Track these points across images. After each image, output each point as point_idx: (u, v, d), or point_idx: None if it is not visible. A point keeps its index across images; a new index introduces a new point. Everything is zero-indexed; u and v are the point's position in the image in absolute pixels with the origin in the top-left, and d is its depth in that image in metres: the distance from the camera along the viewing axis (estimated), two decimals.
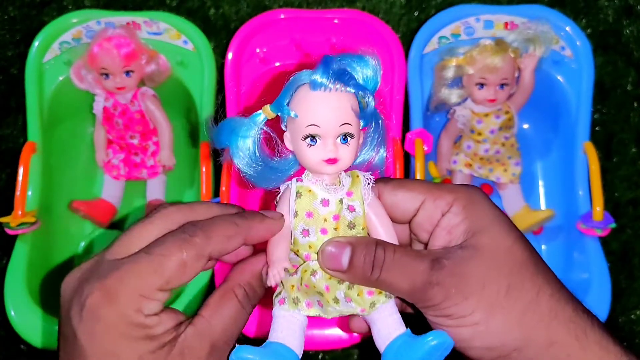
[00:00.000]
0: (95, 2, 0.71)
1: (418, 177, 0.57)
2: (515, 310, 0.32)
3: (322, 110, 0.35)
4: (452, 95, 0.62)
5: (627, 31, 0.70)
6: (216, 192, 0.61)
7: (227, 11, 0.70)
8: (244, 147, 0.36)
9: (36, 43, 0.62)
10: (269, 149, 0.36)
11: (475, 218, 0.33)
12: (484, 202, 0.34)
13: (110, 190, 0.64)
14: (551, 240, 0.64)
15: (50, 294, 0.60)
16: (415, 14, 0.70)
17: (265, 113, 0.36)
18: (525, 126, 0.67)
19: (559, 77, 0.63)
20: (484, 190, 0.67)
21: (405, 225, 0.36)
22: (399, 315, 0.36)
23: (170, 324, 0.31)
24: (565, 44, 0.62)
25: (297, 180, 0.36)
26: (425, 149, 0.59)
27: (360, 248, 0.33)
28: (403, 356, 0.34)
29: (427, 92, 0.63)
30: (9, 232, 0.57)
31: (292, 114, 0.35)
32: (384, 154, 0.38)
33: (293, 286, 0.35)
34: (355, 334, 0.35)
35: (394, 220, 0.36)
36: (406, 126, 0.62)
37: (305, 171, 0.36)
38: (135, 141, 0.64)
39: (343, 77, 0.35)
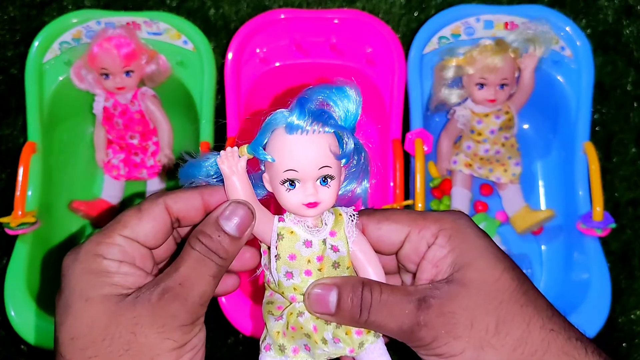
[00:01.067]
0: (95, 2, 0.71)
1: (418, 177, 0.57)
2: (505, 347, 0.31)
3: (299, 154, 0.34)
4: (452, 96, 0.62)
5: (627, 31, 0.70)
6: None
7: (227, 11, 0.70)
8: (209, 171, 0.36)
9: (36, 43, 0.62)
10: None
11: (461, 250, 0.33)
12: (470, 231, 0.34)
13: (110, 190, 0.64)
14: (551, 241, 0.64)
15: (50, 294, 0.60)
16: (415, 14, 0.70)
17: (241, 153, 0.35)
18: (525, 126, 0.67)
19: (559, 77, 0.63)
20: (484, 191, 0.67)
21: (393, 256, 0.36)
22: (388, 357, 0.35)
23: (133, 274, 0.32)
24: (565, 44, 0.62)
25: (279, 220, 0.35)
26: (425, 149, 0.59)
27: (347, 290, 0.33)
28: None
29: (427, 92, 0.63)
30: (9, 232, 0.57)
31: (269, 158, 0.34)
32: (367, 185, 0.37)
33: (278, 332, 0.35)
34: None
35: (380, 252, 0.35)
36: (406, 126, 0.62)
37: (286, 212, 0.35)
38: (135, 141, 0.64)
39: (320, 118, 0.34)
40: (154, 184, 0.65)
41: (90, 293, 0.31)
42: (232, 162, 0.35)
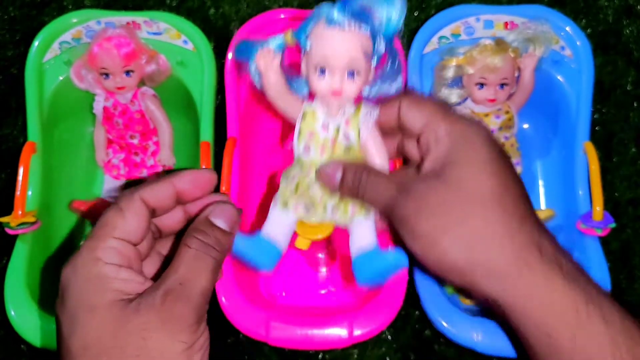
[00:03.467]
0: (95, 2, 0.71)
1: None
2: (463, 236, 0.36)
3: (333, 46, 0.39)
4: (452, 95, 0.62)
5: (627, 31, 0.70)
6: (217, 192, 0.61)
7: (227, 11, 0.70)
8: (267, 54, 0.41)
9: (36, 43, 0.62)
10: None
11: (458, 151, 0.37)
12: (478, 138, 0.38)
13: (111, 190, 0.64)
14: None
15: (50, 294, 0.60)
16: (415, 13, 0.70)
17: (286, 37, 0.41)
18: (525, 126, 0.67)
19: (558, 77, 0.63)
20: None
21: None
22: (374, 234, 0.42)
23: (132, 280, 0.33)
24: (565, 44, 0.62)
25: (308, 101, 0.42)
26: None
27: (350, 172, 0.40)
28: (367, 266, 0.41)
29: (427, 92, 0.63)
30: (9, 232, 0.57)
31: (308, 45, 0.40)
32: (400, 85, 0.42)
33: (287, 190, 0.42)
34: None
35: (408, 133, 0.41)
36: None
37: (316, 96, 0.41)
38: (136, 141, 0.64)
39: (359, 17, 0.38)
40: None
41: (94, 301, 0.31)
42: (267, 59, 0.41)
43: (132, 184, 0.65)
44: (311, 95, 0.41)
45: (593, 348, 0.35)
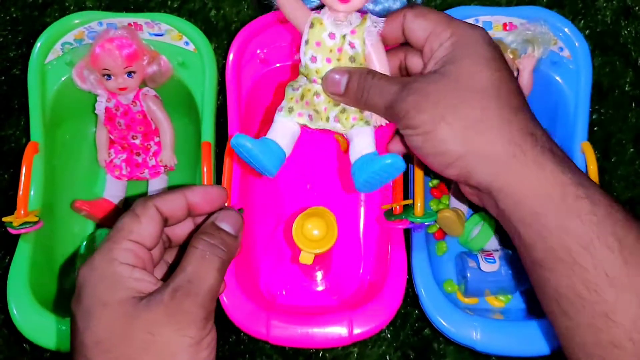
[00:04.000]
0: (97, 3, 0.71)
1: (417, 176, 0.57)
2: (459, 124, 0.38)
3: None
4: None
5: (625, 32, 0.70)
6: None
7: (228, 12, 0.71)
8: None
9: (38, 44, 0.63)
10: None
11: (458, 51, 0.39)
12: (477, 39, 0.40)
13: (113, 189, 0.65)
14: None
15: (52, 293, 0.60)
16: None
17: None
18: None
19: (557, 78, 0.63)
20: None
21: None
22: (373, 140, 0.43)
23: (144, 280, 0.34)
24: (563, 45, 0.63)
25: (316, 12, 0.43)
26: None
27: (355, 76, 0.41)
28: (365, 167, 0.42)
29: None
30: (12, 231, 0.58)
31: None
32: (404, 1, 0.47)
33: (292, 98, 0.44)
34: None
35: (413, 44, 0.43)
36: None
37: (325, 7, 0.42)
38: (137, 141, 0.65)
39: None
40: (156, 184, 0.65)
41: (107, 298, 0.33)
42: None
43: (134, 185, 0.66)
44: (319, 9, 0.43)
45: (579, 229, 0.36)
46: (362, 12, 0.43)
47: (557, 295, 0.37)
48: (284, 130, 0.44)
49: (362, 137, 0.43)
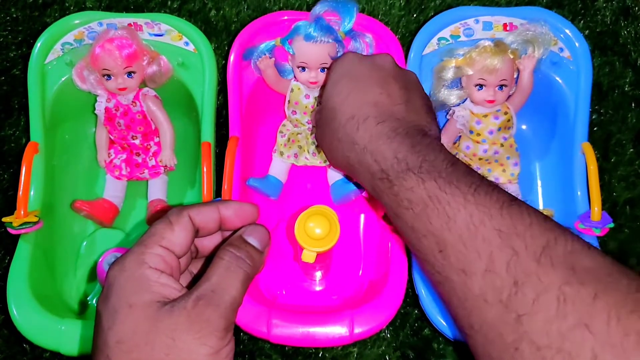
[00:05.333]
0: (97, 3, 0.71)
1: None
2: (341, 143, 0.48)
3: (309, 54, 0.60)
4: (452, 96, 0.62)
5: (625, 32, 0.70)
6: (217, 192, 0.61)
7: (227, 13, 0.71)
8: (264, 50, 0.62)
9: (38, 44, 0.63)
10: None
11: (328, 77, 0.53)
12: (341, 63, 0.52)
13: (112, 190, 0.65)
14: None
15: (52, 293, 0.60)
16: (414, 15, 0.70)
17: (276, 42, 0.61)
18: (524, 127, 0.68)
19: (557, 78, 0.63)
20: None
21: None
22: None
23: (170, 286, 0.34)
24: (563, 46, 0.63)
25: (294, 80, 0.63)
26: None
27: None
28: (338, 190, 0.62)
29: (426, 93, 0.63)
30: (12, 231, 0.58)
31: (291, 50, 0.60)
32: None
33: (282, 144, 0.64)
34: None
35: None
36: None
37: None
38: (137, 141, 0.65)
39: (327, 32, 0.59)
40: (156, 184, 0.65)
41: (133, 299, 0.34)
42: (265, 61, 0.62)
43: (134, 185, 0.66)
44: (295, 77, 0.62)
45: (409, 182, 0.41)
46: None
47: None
48: (280, 167, 0.64)
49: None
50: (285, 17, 0.62)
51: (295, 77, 0.62)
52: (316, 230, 0.45)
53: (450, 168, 0.41)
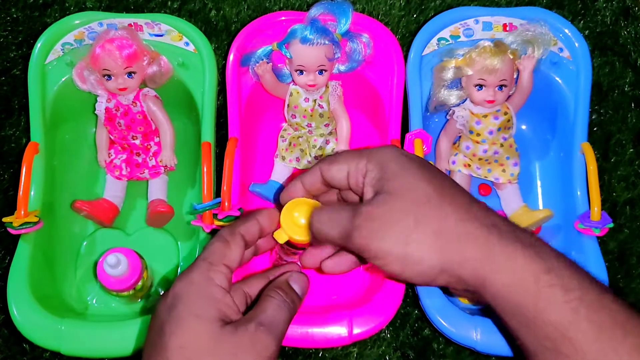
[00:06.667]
0: (97, 3, 0.71)
1: None
2: (426, 239, 0.38)
3: (307, 57, 0.60)
4: (452, 96, 0.62)
5: (625, 32, 0.70)
6: (217, 192, 0.61)
7: (228, 13, 0.71)
8: (262, 56, 0.61)
9: (39, 44, 0.63)
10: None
11: (387, 170, 0.40)
12: (395, 156, 0.41)
13: (113, 190, 0.65)
14: (549, 240, 0.62)
15: (52, 293, 0.60)
16: (414, 15, 0.71)
17: (272, 47, 0.61)
18: (524, 127, 0.68)
19: (557, 79, 0.63)
20: (482, 190, 0.68)
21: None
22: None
23: (232, 308, 0.38)
24: (563, 46, 0.63)
25: (293, 84, 0.63)
26: (425, 149, 0.60)
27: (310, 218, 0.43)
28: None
29: (426, 93, 0.63)
30: (12, 231, 0.58)
31: (288, 54, 0.60)
32: (358, 58, 0.62)
33: (283, 149, 0.64)
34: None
35: (339, 187, 0.44)
36: (405, 127, 0.62)
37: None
38: (137, 142, 0.65)
39: (323, 34, 0.59)
40: (156, 184, 0.65)
41: (202, 312, 0.37)
42: (263, 67, 0.62)
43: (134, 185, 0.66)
44: (294, 80, 0.62)
45: (552, 316, 0.36)
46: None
47: None
48: (281, 172, 0.64)
49: None
50: (283, 18, 0.62)
51: (293, 80, 0.62)
52: (301, 219, 0.44)
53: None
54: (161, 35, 0.64)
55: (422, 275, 0.38)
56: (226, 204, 0.57)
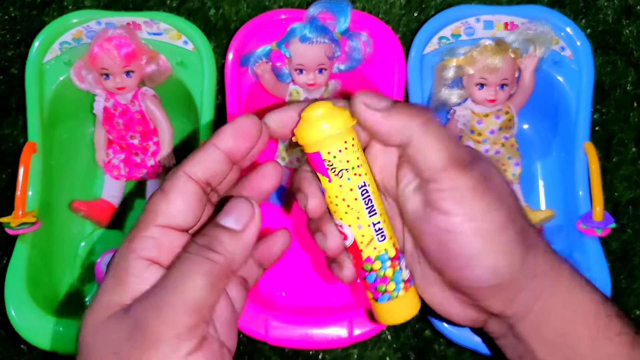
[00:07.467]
0: (95, 2, 0.71)
1: None
2: (518, 233, 0.32)
3: (306, 56, 0.59)
4: (453, 96, 0.62)
5: (627, 31, 0.70)
6: None
7: (227, 11, 0.70)
8: (261, 55, 0.61)
9: (36, 43, 0.62)
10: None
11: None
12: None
13: (111, 190, 0.64)
14: (551, 240, 0.62)
15: (50, 294, 0.60)
16: (415, 14, 0.70)
17: (272, 47, 0.61)
18: (525, 126, 0.67)
19: (559, 78, 0.63)
20: None
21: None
22: None
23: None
24: (565, 45, 0.62)
25: (293, 84, 0.62)
26: None
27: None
28: None
29: (427, 93, 0.63)
30: (9, 232, 0.57)
31: (288, 53, 0.60)
32: (358, 56, 0.61)
33: (282, 150, 0.63)
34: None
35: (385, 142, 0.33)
36: None
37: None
38: (136, 141, 0.64)
39: (322, 33, 0.58)
40: (155, 184, 0.65)
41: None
42: (262, 66, 0.61)
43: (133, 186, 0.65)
44: (293, 80, 0.61)
45: (613, 351, 0.32)
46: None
47: None
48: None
49: None
50: (283, 16, 0.62)
51: (293, 80, 0.62)
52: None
53: None
54: (160, 34, 0.63)
55: (496, 273, 0.32)
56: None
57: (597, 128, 0.67)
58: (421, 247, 0.33)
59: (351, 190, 0.31)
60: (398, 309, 0.35)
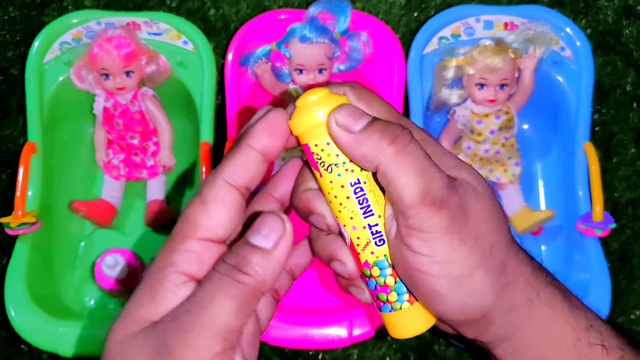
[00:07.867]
0: (95, 2, 0.71)
1: None
2: (494, 271, 0.29)
3: (306, 56, 0.59)
4: (452, 96, 0.62)
5: (627, 31, 0.70)
6: None
7: (227, 12, 0.70)
8: (261, 55, 0.61)
9: (36, 43, 0.62)
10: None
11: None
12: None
13: (111, 190, 0.64)
14: (551, 241, 0.64)
15: (50, 294, 0.60)
16: (415, 14, 0.70)
17: (272, 47, 0.61)
18: (525, 127, 0.67)
19: (558, 78, 0.63)
20: None
21: None
22: None
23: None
24: (565, 45, 0.62)
25: (292, 84, 0.62)
26: None
27: None
28: None
29: (427, 93, 0.63)
30: (9, 232, 0.57)
31: (287, 53, 0.60)
32: (358, 56, 0.61)
33: (283, 150, 0.55)
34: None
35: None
36: None
37: None
38: (136, 141, 0.64)
39: (322, 33, 0.59)
40: (154, 184, 0.65)
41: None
42: (262, 67, 0.61)
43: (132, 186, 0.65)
44: (293, 80, 0.61)
45: None
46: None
47: None
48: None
49: None
50: (283, 16, 0.62)
51: (293, 80, 0.62)
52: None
53: None
54: (160, 34, 0.63)
55: (465, 308, 0.30)
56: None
57: (597, 128, 0.67)
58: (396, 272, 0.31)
59: (342, 187, 0.28)
60: (403, 322, 0.31)
